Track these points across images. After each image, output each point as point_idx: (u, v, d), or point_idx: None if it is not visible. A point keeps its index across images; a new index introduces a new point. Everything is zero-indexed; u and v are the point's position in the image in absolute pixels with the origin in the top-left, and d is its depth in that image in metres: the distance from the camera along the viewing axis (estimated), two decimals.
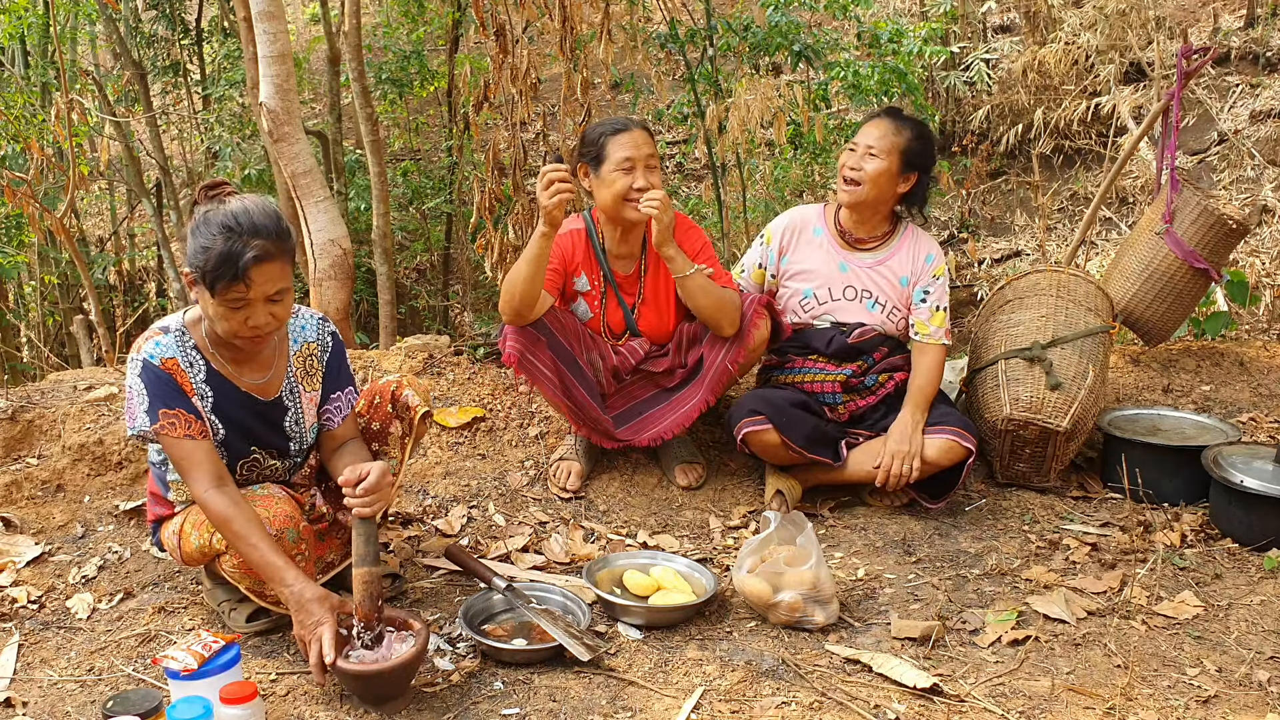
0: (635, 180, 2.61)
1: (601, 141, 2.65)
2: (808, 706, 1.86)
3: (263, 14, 3.49)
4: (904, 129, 2.74)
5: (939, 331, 2.80)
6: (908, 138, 2.73)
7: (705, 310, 2.68)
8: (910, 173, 2.76)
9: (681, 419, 2.76)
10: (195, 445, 1.95)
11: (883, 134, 2.73)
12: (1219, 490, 2.61)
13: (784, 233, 2.90)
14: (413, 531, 2.61)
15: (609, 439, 2.78)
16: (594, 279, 2.78)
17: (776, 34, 4.79)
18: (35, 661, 2.05)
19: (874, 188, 2.73)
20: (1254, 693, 1.93)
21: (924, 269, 2.82)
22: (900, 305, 2.83)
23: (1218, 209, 3.39)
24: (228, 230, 1.84)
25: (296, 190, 3.63)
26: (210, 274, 1.85)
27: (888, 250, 2.84)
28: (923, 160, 2.77)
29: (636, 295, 2.80)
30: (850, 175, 2.74)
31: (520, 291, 2.55)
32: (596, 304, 2.79)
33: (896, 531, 2.65)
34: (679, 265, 2.62)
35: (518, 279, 2.55)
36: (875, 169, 2.71)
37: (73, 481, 2.75)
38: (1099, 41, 6.85)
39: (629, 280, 2.80)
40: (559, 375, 2.69)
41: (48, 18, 6.08)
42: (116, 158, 7.59)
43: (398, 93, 7.77)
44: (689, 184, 8.39)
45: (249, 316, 1.90)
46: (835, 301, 2.84)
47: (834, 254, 2.85)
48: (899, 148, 2.72)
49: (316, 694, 1.90)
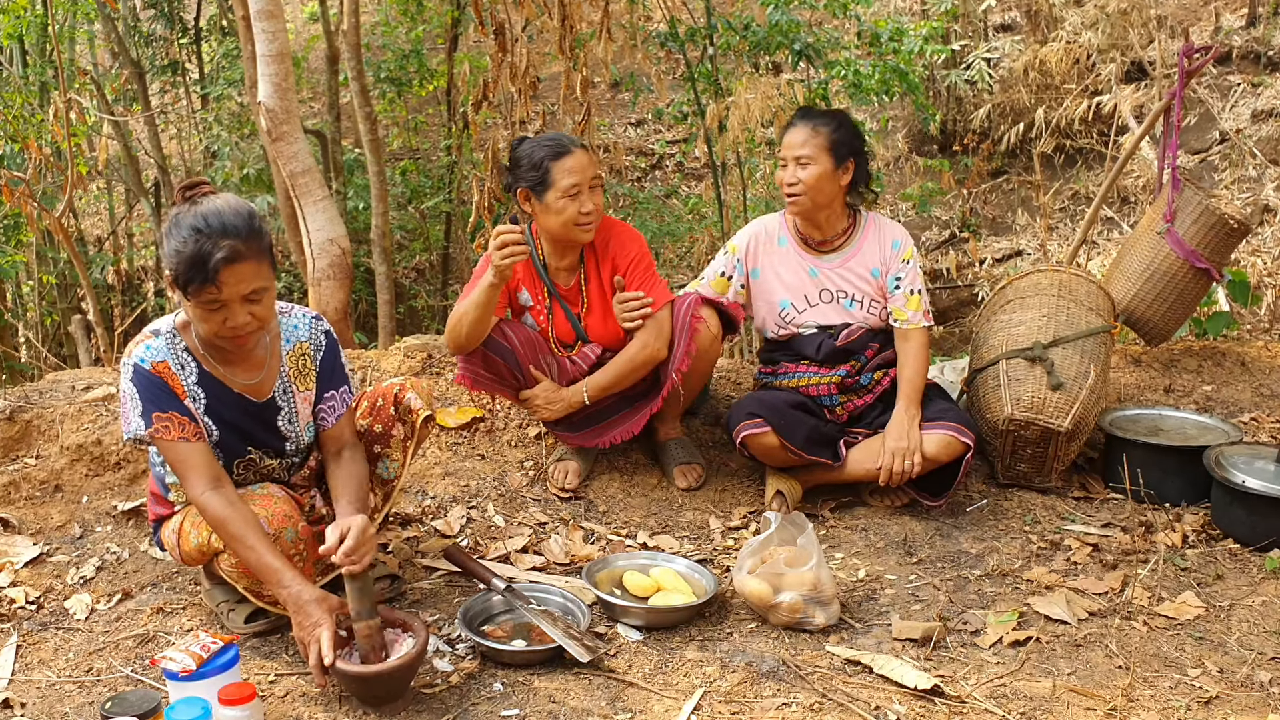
0: (583, 205, 2.59)
1: (545, 166, 2.59)
2: (808, 708, 1.86)
3: (261, 13, 3.48)
4: (821, 126, 2.73)
5: (917, 315, 2.79)
6: (829, 132, 2.72)
7: (630, 378, 2.73)
8: (846, 162, 2.75)
9: (631, 426, 2.78)
10: (190, 448, 1.94)
11: (805, 139, 2.71)
12: (1220, 491, 2.60)
13: (749, 244, 2.90)
14: (412, 532, 2.60)
15: (568, 438, 2.82)
16: (537, 294, 2.78)
17: (777, 33, 4.78)
18: (33, 662, 2.05)
19: (817, 193, 2.72)
20: (1255, 694, 1.93)
21: (892, 256, 2.81)
22: (877, 298, 2.82)
23: (1219, 208, 3.38)
24: (197, 232, 1.83)
25: (295, 189, 3.62)
26: (182, 277, 1.84)
27: (852, 246, 2.83)
28: (852, 146, 2.75)
29: (581, 305, 2.79)
30: (790, 191, 2.73)
31: (466, 333, 2.61)
32: (543, 318, 2.79)
33: (897, 532, 2.64)
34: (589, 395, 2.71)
35: (464, 322, 2.59)
36: (811, 175, 2.70)
37: (71, 482, 2.75)
38: (1100, 40, 6.85)
39: (572, 291, 2.79)
40: (516, 385, 2.74)
41: (46, 17, 6.07)
42: (115, 157, 7.58)
43: (396, 92, 7.77)
44: (689, 183, 8.38)
45: (227, 317, 1.89)
46: (814, 307, 2.84)
47: (801, 260, 2.85)
48: (825, 145, 2.71)
49: (315, 695, 1.89)
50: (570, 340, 2.82)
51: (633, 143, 9.59)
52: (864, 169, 2.81)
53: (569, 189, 2.57)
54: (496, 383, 2.72)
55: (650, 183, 9.12)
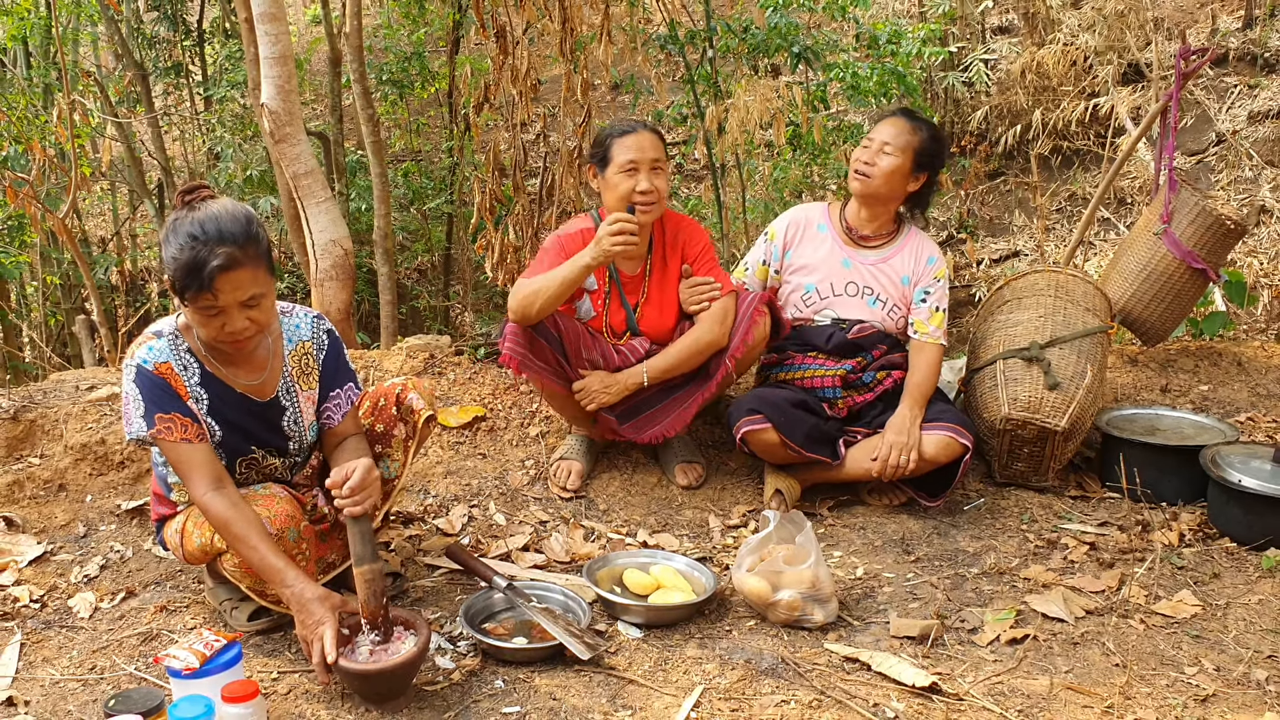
0: (639, 183, 2.63)
1: (608, 143, 2.68)
2: (807, 705, 1.87)
3: (264, 15, 3.50)
4: (920, 129, 2.77)
5: (937, 331, 2.82)
6: (923, 138, 2.77)
7: (690, 362, 2.75)
8: (921, 173, 2.79)
9: (682, 415, 2.79)
10: (192, 449, 1.95)
11: (899, 131, 2.76)
12: (1217, 490, 2.61)
13: (788, 228, 2.93)
14: (414, 531, 2.62)
15: (612, 433, 2.81)
16: (600, 278, 2.79)
17: (775, 35, 4.80)
18: (37, 660, 2.06)
19: (886, 183, 2.76)
20: (1252, 691, 1.94)
21: (926, 270, 2.85)
22: (900, 303, 2.85)
23: (1215, 209, 3.40)
24: (193, 239, 1.83)
25: (298, 191, 3.64)
26: (179, 283, 1.85)
27: (891, 249, 2.87)
28: (933, 162, 2.80)
29: (640, 295, 2.82)
30: (863, 169, 2.77)
31: (541, 304, 2.59)
32: (600, 303, 2.80)
33: (895, 530, 2.65)
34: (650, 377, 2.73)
35: (543, 294, 2.58)
36: (888, 165, 2.74)
37: (75, 481, 2.76)
38: (1097, 42, 6.86)
39: (634, 280, 2.82)
40: (561, 374, 2.72)
41: (50, 19, 6.09)
42: (118, 158, 7.61)
43: (399, 94, 7.79)
44: (689, 184, 8.40)
45: (225, 323, 1.89)
46: (837, 297, 2.86)
47: (838, 250, 2.88)
48: (914, 146, 2.75)
49: (317, 692, 1.91)
50: (621, 330, 2.83)
51: None
52: (930, 190, 2.86)
53: (625, 165, 2.63)
54: (544, 369, 2.70)
55: None
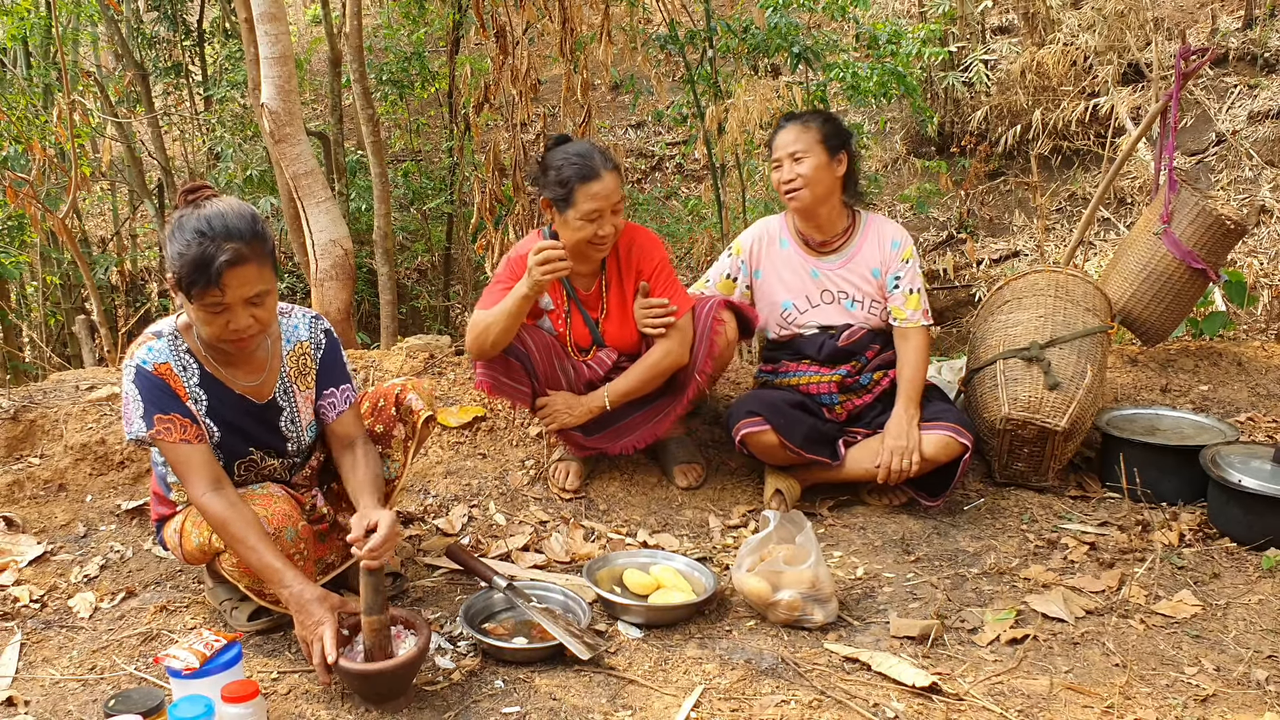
0: (601, 228, 2.59)
1: (571, 187, 2.55)
2: (807, 705, 1.87)
3: (264, 15, 3.50)
4: (810, 122, 2.77)
5: (916, 314, 2.81)
6: (819, 125, 2.77)
7: (653, 384, 2.75)
8: (839, 154, 2.78)
9: (653, 429, 2.80)
10: (191, 450, 1.95)
11: (796, 135, 2.75)
12: (1217, 490, 2.61)
13: (753, 245, 2.92)
14: (414, 530, 2.62)
15: (579, 448, 2.81)
16: (557, 297, 2.78)
17: (775, 35, 4.81)
18: (37, 660, 2.06)
19: (815, 184, 2.74)
20: (1252, 691, 1.94)
21: (892, 255, 2.83)
22: (877, 298, 2.84)
23: (1215, 209, 3.40)
24: (200, 235, 1.83)
25: (298, 191, 3.64)
26: (185, 279, 1.84)
27: (852, 246, 2.85)
28: (841, 139, 2.79)
29: (600, 310, 2.80)
30: (790, 187, 2.75)
31: (493, 339, 2.60)
32: (561, 322, 2.79)
33: (895, 530, 2.65)
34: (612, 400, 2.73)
35: (492, 329, 2.58)
36: (807, 167, 2.73)
37: (75, 481, 2.76)
38: (1097, 42, 6.87)
39: (592, 296, 2.79)
40: (532, 391, 2.74)
41: (50, 19, 6.09)
42: (118, 158, 7.61)
43: (399, 94, 7.79)
44: (689, 184, 8.40)
45: (230, 320, 1.89)
46: (815, 308, 2.86)
47: (803, 262, 2.87)
48: (817, 139, 2.74)
49: (317, 693, 1.91)
50: (586, 345, 2.82)
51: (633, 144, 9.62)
52: (855, 164, 2.85)
53: (590, 213, 2.56)
54: (516, 389, 2.72)
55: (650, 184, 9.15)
